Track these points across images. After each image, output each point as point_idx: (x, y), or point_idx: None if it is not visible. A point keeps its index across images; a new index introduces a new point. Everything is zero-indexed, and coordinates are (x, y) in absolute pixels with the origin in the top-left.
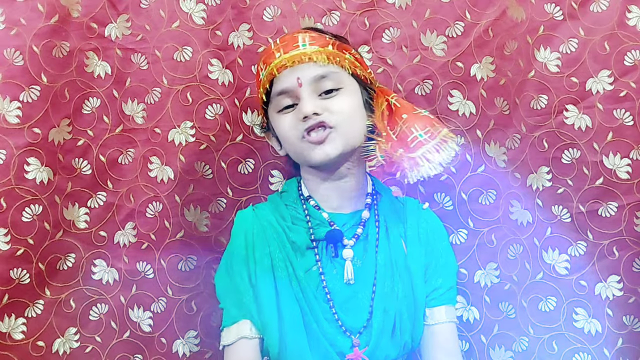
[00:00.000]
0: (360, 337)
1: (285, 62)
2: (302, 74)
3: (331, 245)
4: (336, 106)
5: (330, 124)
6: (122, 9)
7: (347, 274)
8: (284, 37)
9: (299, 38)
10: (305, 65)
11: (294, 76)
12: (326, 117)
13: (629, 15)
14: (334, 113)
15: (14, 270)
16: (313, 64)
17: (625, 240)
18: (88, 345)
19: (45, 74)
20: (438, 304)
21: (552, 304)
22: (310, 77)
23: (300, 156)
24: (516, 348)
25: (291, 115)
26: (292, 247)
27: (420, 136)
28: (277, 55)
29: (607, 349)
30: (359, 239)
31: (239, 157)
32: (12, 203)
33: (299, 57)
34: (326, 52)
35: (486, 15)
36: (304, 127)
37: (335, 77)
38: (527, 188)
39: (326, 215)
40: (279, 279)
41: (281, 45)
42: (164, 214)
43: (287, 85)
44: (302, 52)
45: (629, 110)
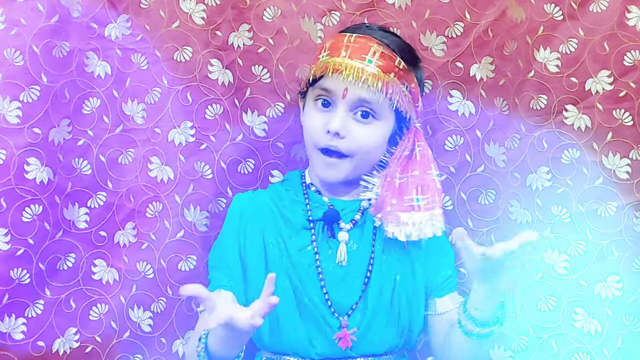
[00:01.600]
0: (349, 318)
1: (344, 69)
2: (352, 88)
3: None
4: (362, 136)
5: (346, 153)
6: (122, 9)
7: (339, 255)
8: (360, 43)
9: (371, 51)
10: (358, 82)
11: (344, 85)
12: (345, 143)
13: (629, 15)
14: (354, 141)
15: (14, 270)
16: (365, 85)
17: (624, 240)
18: (88, 345)
19: (45, 74)
20: (444, 294)
21: (552, 304)
22: (356, 96)
23: (310, 156)
24: (515, 347)
25: (322, 118)
26: (286, 224)
27: (416, 201)
28: (343, 55)
29: (607, 348)
30: (357, 224)
31: (239, 157)
32: (12, 203)
33: (358, 73)
34: (385, 79)
35: (486, 15)
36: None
37: (377, 106)
38: (526, 188)
39: (326, 199)
40: (270, 255)
41: (353, 46)
42: (164, 214)
43: (333, 89)
44: (363, 69)
45: (629, 110)
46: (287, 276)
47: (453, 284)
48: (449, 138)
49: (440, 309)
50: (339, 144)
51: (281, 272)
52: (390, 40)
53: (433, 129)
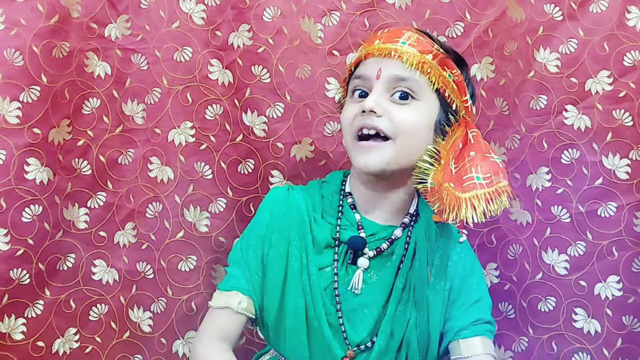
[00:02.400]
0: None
1: (374, 51)
2: (385, 68)
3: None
4: (401, 116)
5: (386, 133)
6: (122, 9)
7: (355, 282)
8: (393, 30)
9: (405, 35)
10: (392, 60)
11: (377, 66)
12: (384, 123)
13: (629, 15)
14: (394, 122)
15: (14, 271)
16: (400, 62)
17: (624, 240)
18: (88, 346)
19: (45, 74)
20: (472, 335)
21: (552, 304)
22: (391, 75)
23: (348, 151)
24: (516, 348)
25: (357, 104)
26: (313, 240)
27: (477, 179)
28: (376, 43)
29: (607, 349)
30: (382, 254)
31: (239, 157)
32: (12, 203)
33: (389, 51)
34: (420, 58)
35: (486, 15)
36: (358, 123)
37: (415, 85)
38: (526, 188)
39: (358, 217)
40: (290, 267)
41: (385, 34)
42: (164, 214)
43: (366, 72)
44: (396, 48)
45: (629, 110)
46: (303, 293)
47: (484, 328)
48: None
49: (465, 351)
50: (377, 123)
51: (297, 287)
52: (429, 35)
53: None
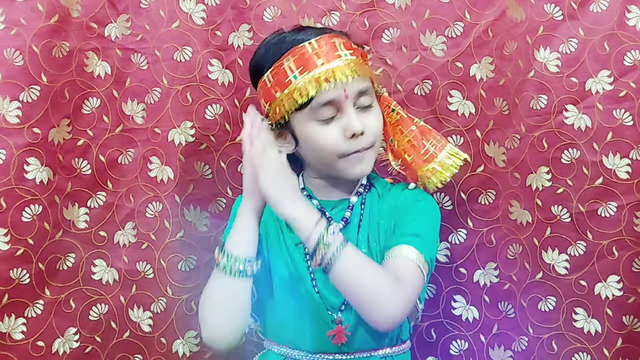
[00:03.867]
0: (342, 314)
1: (335, 75)
2: (349, 87)
3: None
4: (372, 125)
5: (368, 145)
6: (122, 9)
7: None
8: (318, 42)
9: (337, 45)
10: (351, 78)
11: (341, 88)
12: (369, 138)
13: (629, 15)
14: (372, 133)
15: (14, 270)
16: (357, 77)
17: (624, 240)
18: (88, 345)
19: (45, 74)
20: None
21: (552, 304)
22: (355, 91)
23: (331, 168)
24: (515, 348)
25: (334, 129)
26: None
27: (429, 147)
28: (320, 63)
29: (607, 348)
30: (347, 222)
31: (238, 157)
32: (12, 203)
33: (347, 72)
34: (363, 65)
35: (486, 15)
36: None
37: (370, 92)
38: (526, 188)
39: (316, 202)
40: (270, 244)
41: (320, 50)
42: (163, 214)
43: (334, 97)
44: (347, 64)
45: (629, 110)
46: (286, 267)
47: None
48: (449, 138)
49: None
50: (365, 143)
51: (280, 261)
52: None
53: (433, 128)
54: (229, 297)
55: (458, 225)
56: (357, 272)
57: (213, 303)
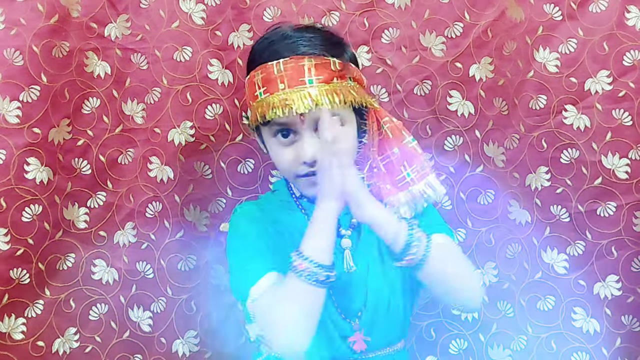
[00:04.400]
0: (359, 321)
1: (292, 103)
2: (307, 113)
3: None
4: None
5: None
6: (122, 9)
7: (346, 263)
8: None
9: (305, 70)
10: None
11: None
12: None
13: (628, 15)
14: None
15: (14, 270)
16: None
17: (623, 240)
18: (88, 345)
19: (45, 74)
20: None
21: (551, 303)
22: (313, 118)
23: (292, 184)
24: (514, 347)
25: (290, 151)
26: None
27: (408, 176)
28: (281, 87)
29: (606, 348)
30: (355, 227)
31: (238, 157)
32: (12, 203)
33: (305, 100)
34: (331, 89)
35: (485, 15)
36: (302, 172)
37: (336, 117)
38: (525, 188)
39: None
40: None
41: (286, 74)
42: (163, 214)
43: (289, 121)
44: (308, 93)
45: (628, 110)
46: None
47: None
48: (449, 138)
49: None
50: (316, 167)
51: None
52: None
53: (432, 129)
54: (310, 306)
55: (457, 224)
56: (449, 260)
57: (293, 311)
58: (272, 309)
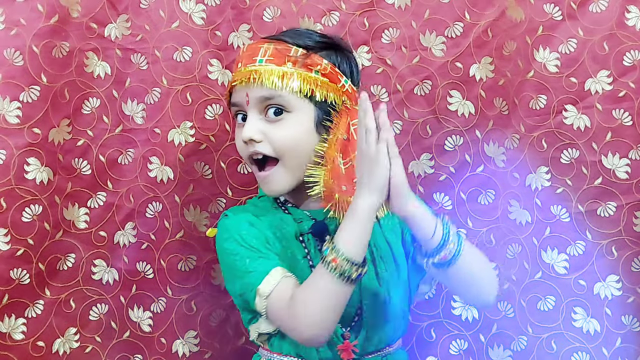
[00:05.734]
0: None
1: (237, 79)
2: (250, 92)
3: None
4: (278, 136)
5: (271, 155)
6: (122, 9)
7: None
8: (251, 47)
9: (260, 51)
10: (255, 83)
11: (244, 92)
12: (266, 146)
13: (628, 15)
14: (274, 144)
15: (14, 271)
16: (260, 85)
17: (624, 240)
18: (88, 345)
19: (45, 74)
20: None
21: (551, 304)
22: (256, 97)
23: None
24: (515, 347)
25: (239, 132)
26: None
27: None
28: (239, 66)
29: (606, 348)
30: None
31: (238, 157)
32: (12, 203)
33: (249, 76)
34: (279, 73)
35: (485, 15)
36: (247, 154)
37: (281, 100)
38: (526, 188)
39: (307, 213)
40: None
41: (244, 55)
42: (163, 214)
43: (238, 100)
44: (255, 70)
45: (628, 110)
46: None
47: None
48: (449, 138)
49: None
50: (260, 149)
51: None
52: (291, 35)
53: (433, 129)
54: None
55: (458, 225)
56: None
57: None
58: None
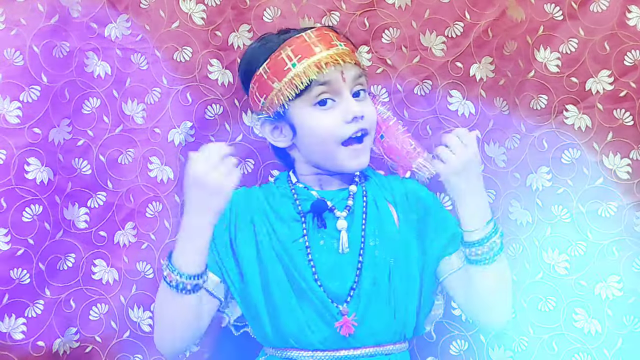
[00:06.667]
0: (348, 305)
1: (333, 59)
2: (346, 70)
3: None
4: (371, 112)
5: (367, 130)
6: (122, 9)
7: (342, 244)
8: (315, 32)
9: (332, 36)
10: (348, 64)
11: (337, 72)
12: (367, 123)
13: (629, 15)
14: (369, 119)
15: (14, 270)
16: (352, 64)
17: (625, 240)
18: (88, 345)
19: (45, 74)
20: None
21: (552, 304)
22: (351, 76)
23: (329, 157)
24: (516, 348)
25: (333, 114)
26: (277, 217)
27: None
28: (318, 50)
29: (607, 349)
30: (350, 210)
31: (239, 157)
32: (12, 203)
33: (344, 57)
34: (356, 55)
35: (486, 15)
36: (351, 131)
37: (364, 80)
38: (526, 188)
39: (314, 193)
40: (261, 244)
41: (318, 40)
42: (163, 214)
43: (332, 79)
44: (344, 52)
45: (629, 110)
46: (281, 264)
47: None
48: None
49: (455, 264)
50: (366, 126)
51: (274, 260)
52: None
53: (433, 129)
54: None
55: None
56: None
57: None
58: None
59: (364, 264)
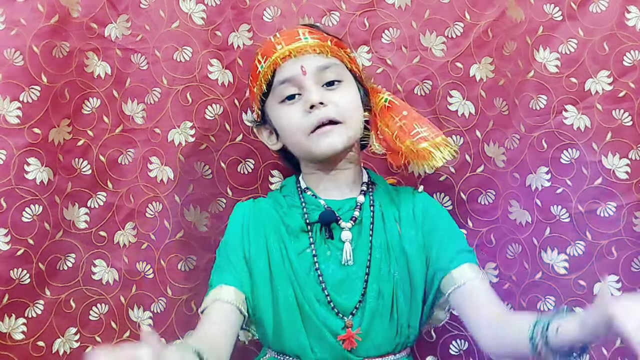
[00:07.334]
0: (353, 318)
1: (290, 53)
2: (306, 63)
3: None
4: (342, 99)
5: (337, 119)
6: (122, 9)
7: (345, 255)
8: (284, 32)
9: (299, 32)
10: (309, 55)
11: (297, 65)
12: (332, 110)
13: (628, 15)
14: (339, 106)
15: (14, 271)
16: (316, 54)
17: (624, 240)
18: (88, 345)
19: (45, 74)
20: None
21: (551, 304)
22: (314, 67)
23: (303, 149)
24: None
25: (297, 107)
26: (287, 230)
27: (422, 133)
28: (279, 48)
29: (606, 348)
30: (357, 221)
31: (238, 157)
32: (12, 203)
33: (303, 48)
34: (327, 44)
35: (485, 16)
36: (313, 121)
37: (336, 69)
38: (526, 188)
39: (322, 202)
40: (273, 260)
41: (282, 39)
42: (163, 214)
43: (291, 74)
44: (305, 44)
45: (628, 110)
46: (289, 281)
47: (470, 256)
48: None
49: (459, 280)
50: (329, 113)
51: (284, 276)
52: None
53: None
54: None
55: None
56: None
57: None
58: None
59: (370, 277)
